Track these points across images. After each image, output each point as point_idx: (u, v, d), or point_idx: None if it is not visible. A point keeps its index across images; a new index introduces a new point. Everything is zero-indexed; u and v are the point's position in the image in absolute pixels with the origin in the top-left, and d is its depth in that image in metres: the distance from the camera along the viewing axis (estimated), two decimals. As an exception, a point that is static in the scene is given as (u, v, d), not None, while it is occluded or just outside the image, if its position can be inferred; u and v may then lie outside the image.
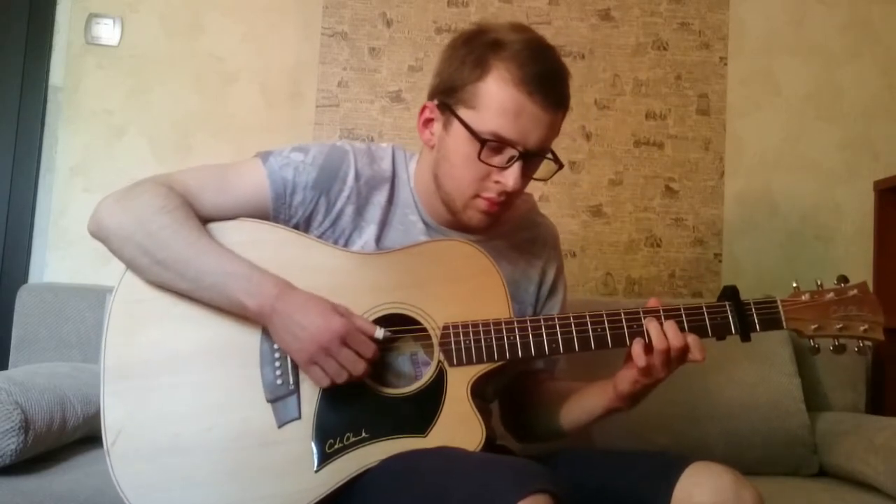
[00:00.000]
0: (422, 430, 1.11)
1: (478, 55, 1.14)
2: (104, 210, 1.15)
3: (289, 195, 1.19)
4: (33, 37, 2.20)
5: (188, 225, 1.12)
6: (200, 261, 1.11)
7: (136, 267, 1.14)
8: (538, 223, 1.36)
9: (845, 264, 2.36)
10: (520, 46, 1.13)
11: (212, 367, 1.12)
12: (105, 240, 1.15)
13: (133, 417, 1.10)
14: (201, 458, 1.09)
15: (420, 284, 1.16)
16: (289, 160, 1.20)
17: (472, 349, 1.14)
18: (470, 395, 1.13)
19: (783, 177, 2.38)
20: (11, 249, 2.17)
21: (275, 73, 2.27)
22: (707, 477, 1.04)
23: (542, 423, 1.30)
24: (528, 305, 1.32)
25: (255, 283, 1.10)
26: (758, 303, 1.19)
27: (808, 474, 1.91)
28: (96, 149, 2.20)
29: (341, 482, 1.09)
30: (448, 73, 1.18)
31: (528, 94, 1.12)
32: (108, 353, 1.12)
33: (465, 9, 2.30)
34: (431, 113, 1.21)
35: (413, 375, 1.18)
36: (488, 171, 1.15)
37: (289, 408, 1.11)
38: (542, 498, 0.90)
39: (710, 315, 1.17)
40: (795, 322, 1.19)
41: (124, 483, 1.08)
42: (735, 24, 2.38)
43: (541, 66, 1.13)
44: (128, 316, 1.14)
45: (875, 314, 1.20)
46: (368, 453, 1.10)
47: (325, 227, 1.21)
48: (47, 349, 1.88)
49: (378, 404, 1.13)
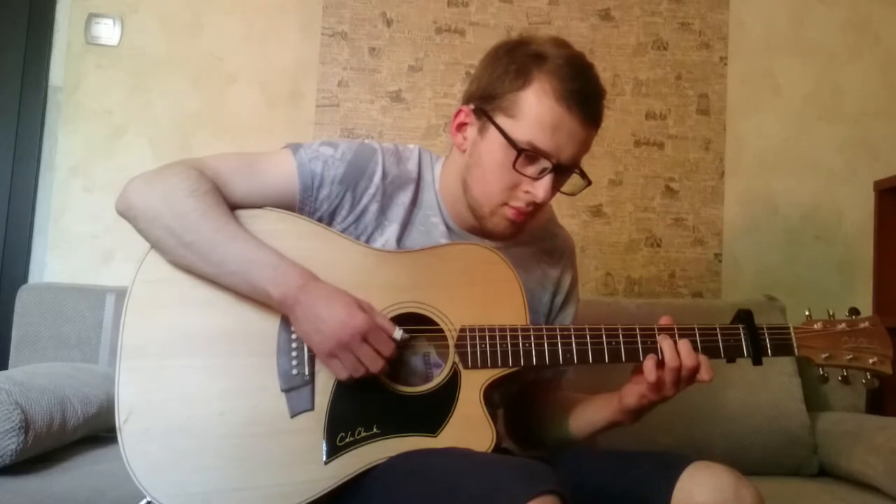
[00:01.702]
0: (433, 430, 1.12)
1: (520, 65, 1.15)
2: (134, 190, 1.15)
3: (316, 188, 1.20)
4: (33, 37, 2.20)
5: (217, 210, 1.13)
6: (227, 246, 1.11)
7: (161, 248, 1.14)
8: (556, 234, 1.37)
9: (845, 264, 2.36)
10: (562, 62, 1.14)
11: (228, 352, 1.13)
12: (133, 219, 1.15)
13: (146, 397, 1.10)
14: (212, 441, 1.09)
15: (439, 286, 1.17)
16: (318, 153, 1.21)
17: (487, 353, 1.14)
18: (482, 398, 1.14)
19: (783, 177, 2.38)
20: (11, 249, 2.17)
21: (275, 72, 2.27)
22: (707, 476, 1.04)
23: (545, 431, 1.31)
24: (542, 315, 1.33)
25: (280, 272, 1.10)
26: (771, 328, 1.20)
27: (808, 474, 1.91)
28: (96, 148, 2.20)
29: (349, 476, 1.10)
30: (488, 80, 1.18)
31: (566, 109, 1.13)
32: (126, 331, 1.12)
33: (465, 9, 2.30)
34: (467, 117, 1.21)
35: (424, 375, 1.18)
36: (519, 180, 1.16)
37: (302, 398, 1.12)
38: (551, 499, 0.90)
39: (723, 337, 1.18)
40: (807, 350, 1.21)
41: (134, 462, 1.08)
42: (735, 24, 2.38)
43: (581, 82, 1.14)
44: (148, 295, 1.14)
45: (885, 348, 1.21)
46: (378, 449, 1.11)
47: (349, 223, 1.22)
48: (47, 349, 1.88)
49: (391, 401, 1.13)
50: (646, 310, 2.00)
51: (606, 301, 2.11)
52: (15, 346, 1.89)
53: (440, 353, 1.18)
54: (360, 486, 1.10)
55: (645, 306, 2.03)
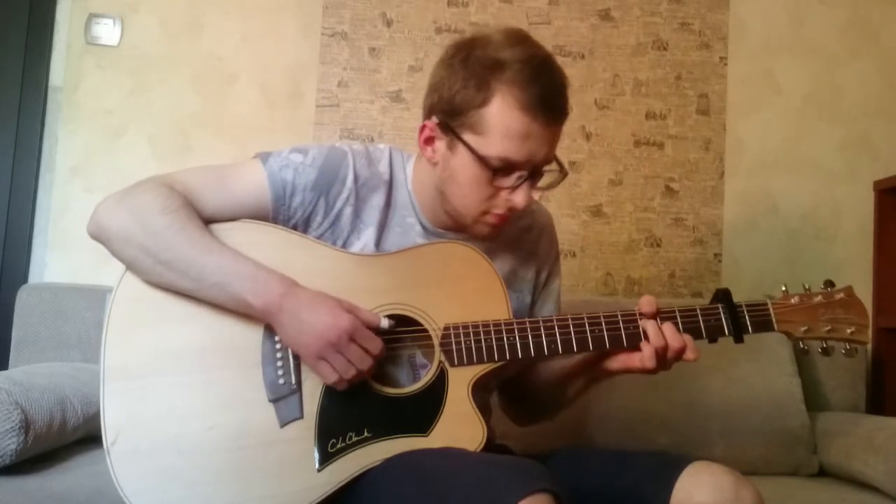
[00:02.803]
0: (423, 430, 1.12)
1: (479, 78, 1.12)
2: (104, 211, 1.14)
3: (288, 196, 1.19)
4: (33, 37, 2.20)
5: (191, 225, 1.12)
6: (204, 260, 1.10)
7: (137, 268, 1.14)
8: (532, 211, 1.36)
9: (845, 264, 2.36)
10: (520, 66, 1.11)
11: (212, 366, 1.12)
12: (106, 241, 1.15)
13: (133, 417, 1.10)
14: (202, 457, 1.09)
15: (420, 286, 1.17)
16: (288, 161, 1.20)
17: (472, 349, 1.14)
18: (471, 395, 1.14)
19: (783, 177, 2.38)
20: (11, 249, 2.17)
21: (275, 73, 2.27)
22: (707, 476, 1.05)
23: (535, 401, 1.33)
24: (528, 293, 1.34)
25: (260, 281, 1.10)
26: (749, 305, 1.20)
27: (808, 474, 1.91)
28: (96, 149, 2.20)
29: (343, 482, 1.09)
30: (448, 94, 1.15)
31: (532, 117, 1.11)
32: (108, 353, 1.12)
33: (464, 9, 2.30)
34: (432, 132, 1.20)
35: (412, 376, 1.18)
36: (497, 191, 1.16)
37: (291, 407, 1.11)
38: (544, 497, 0.90)
39: (703, 317, 1.19)
40: (786, 324, 1.21)
41: (124, 483, 1.08)
42: (735, 24, 2.38)
43: (543, 84, 1.12)
44: (128, 315, 1.14)
45: (861, 317, 1.22)
46: (370, 453, 1.11)
47: (325, 229, 1.21)
48: (47, 349, 1.88)
49: (380, 404, 1.13)
50: (646, 310, 2.00)
51: (606, 301, 2.11)
52: (15, 346, 1.89)
53: (426, 353, 1.18)
54: (355, 490, 1.10)
55: (645, 306, 2.03)
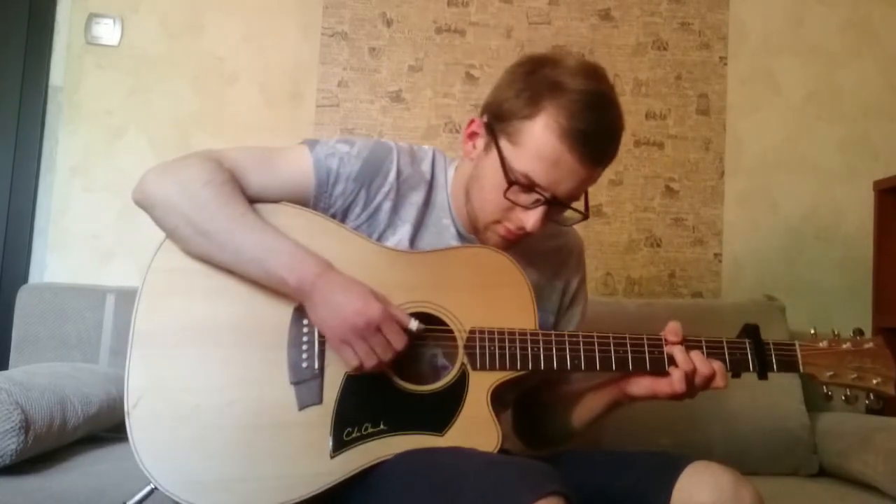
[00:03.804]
0: (439, 429, 1.12)
1: (534, 92, 1.12)
2: (151, 179, 1.15)
3: (331, 184, 1.20)
4: (33, 37, 2.20)
5: (234, 200, 1.13)
6: (245, 235, 1.11)
7: (178, 237, 1.14)
8: (565, 233, 1.37)
9: (845, 264, 2.36)
10: (577, 96, 1.10)
11: (239, 343, 1.13)
12: (150, 208, 1.15)
13: (156, 383, 1.10)
14: (219, 431, 1.09)
15: (450, 287, 1.17)
16: (334, 150, 1.21)
17: (496, 356, 1.14)
18: (490, 400, 1.14)
19: (783, 177, 2.38)
20: (11, 249, 2.17)
21: (275, 73, 2.27)
22: (707, 476, 1.05)
23: (551, 426, 1.32)
24: (550, 313, 1.33)
25: (298, 259, 1.11)
26: (777, 345, 1.21)
27: (808, 474, 1.91)
28: (96, 149, 2.21)
29: (354, 471, 1.10)
30: (503, 98, 1.16)
31: (568, 148, 1.10)
32: (139, 318, 1.12)
33: (465, 9, 2.30)
34: (478, 128, 1.20)
35: (432, 375, 1.18)
36: (513, 206, 1.16)
37: (311, 391, 1.12)
38: (556, 500, 0.90)
39: (729, 350, 1.20)
40: (812, 367, 1.21)
41: (140, 446, 1.08)
42: (735, 24, 2.38)
43: (591, 122, 1.10)
44: (162, 284, 1.14)
45: (888, 369, 1.21)
46: (384, 446, 1.11)
47: (362, 221, 1.22)
48: (47, 349, 1.88)
49: (399, 398, 1.13)
50: (646, 310, 2.00)
51: (606, 301, 2.10)
52: (15, 346, 1.89)
53: (448, 353, 1.18)
54: (365, 482, 1.10)
55: (645, 306, 2.03)
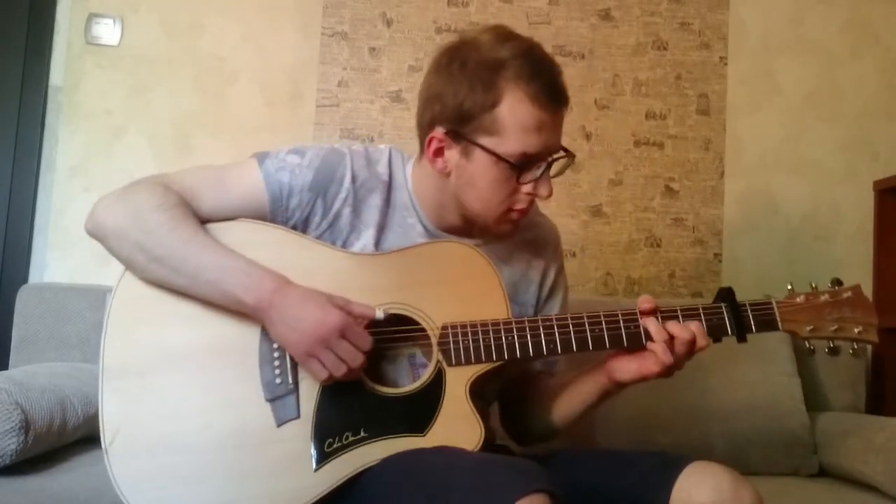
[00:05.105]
0: (421, 430, 1.12)
1: (484, 80, 1.13)
2: (101, 209, 1.16)
3: (285, 198, 1.20)
4: (33, 37, 2.20)
5: (185, 223, 1.13)
6: (197, 257, 1.11)
7: (132, 265, 1.14)
8: (539, 223, 1.36)
9: (845, 264, 2.36)
10: (520, 61, 1.13)
11: (210, 365, 1.12)
12: (102, 238, 1.16)
13: (131, 416, 1.10)
14: (199, 456, 1.09)
15: (419, 285, 1.17)
16: (284, 163, 1.20)
17: (470, 349, 1.14)
18: (468, 394, 1.13)
19: (783, 177, 2.38)
20: (11, 249, 2.17)
21: (275, 73, 2.27)
22: (706, 476, 1.04)
23: (539, 420, 1.31)
24: (529, 306, 1.32)
25: (253, 278, 1.10)
26: (753, 304, 1.19)
27: (808, 474, 1.91)
28: (96, 149, 2.20)
29: (340, 481, 1.09)
30: (455, 102, 1.15)
31: (542, 108, 1.13)
32: (107, 352, 1.12)
33: (464, 9, 2.30)
34: (441, 142, 1.19)
35: (411, 377, 1.18)
36: (518, 186, 1.18)
37: (288, 407, 1.12)
38: (541, 497, 0.90)
39: (706, 316, 1.18)
40: (791, 324, 1.19)
41: (122, 481, 1.08)
42: (735, 24, 2.38)
43: (545, 74, 1.14)
44: (127, 314, 1.14)
45: (869, 316, 1.20)
46: (368, 452, 1.11)
47: (324, 229, 1.21)
48: (47, 349, 1.88)
49: (377, 404, 1.13)
50: (646, 310, 1.99)
51: (606, 301, 2.10)
52: (15, 346, 1.89)
53: (426, 353, 1.18)
54: (353, 490, 1.10)
55: (645, 306, 2.03)
